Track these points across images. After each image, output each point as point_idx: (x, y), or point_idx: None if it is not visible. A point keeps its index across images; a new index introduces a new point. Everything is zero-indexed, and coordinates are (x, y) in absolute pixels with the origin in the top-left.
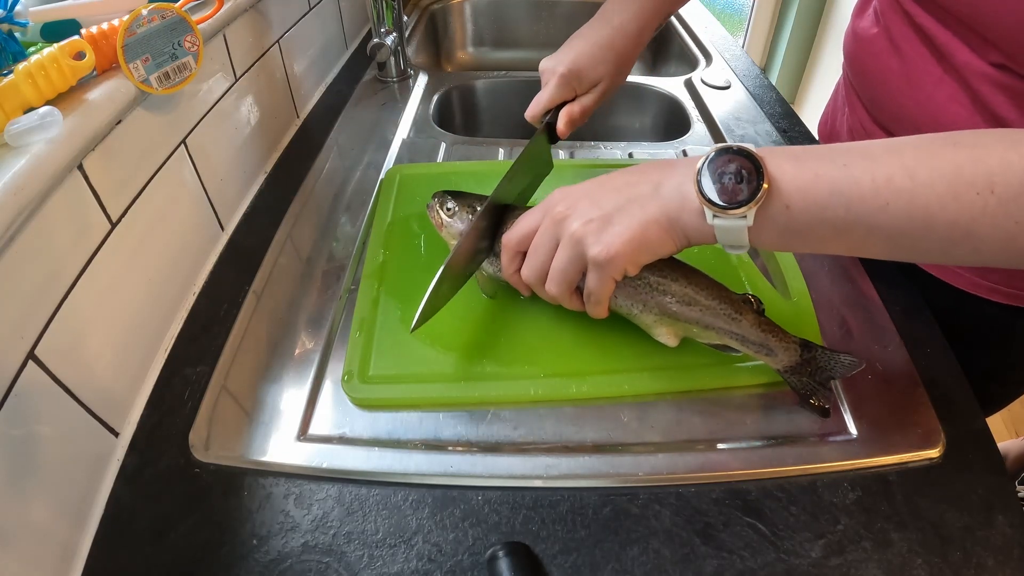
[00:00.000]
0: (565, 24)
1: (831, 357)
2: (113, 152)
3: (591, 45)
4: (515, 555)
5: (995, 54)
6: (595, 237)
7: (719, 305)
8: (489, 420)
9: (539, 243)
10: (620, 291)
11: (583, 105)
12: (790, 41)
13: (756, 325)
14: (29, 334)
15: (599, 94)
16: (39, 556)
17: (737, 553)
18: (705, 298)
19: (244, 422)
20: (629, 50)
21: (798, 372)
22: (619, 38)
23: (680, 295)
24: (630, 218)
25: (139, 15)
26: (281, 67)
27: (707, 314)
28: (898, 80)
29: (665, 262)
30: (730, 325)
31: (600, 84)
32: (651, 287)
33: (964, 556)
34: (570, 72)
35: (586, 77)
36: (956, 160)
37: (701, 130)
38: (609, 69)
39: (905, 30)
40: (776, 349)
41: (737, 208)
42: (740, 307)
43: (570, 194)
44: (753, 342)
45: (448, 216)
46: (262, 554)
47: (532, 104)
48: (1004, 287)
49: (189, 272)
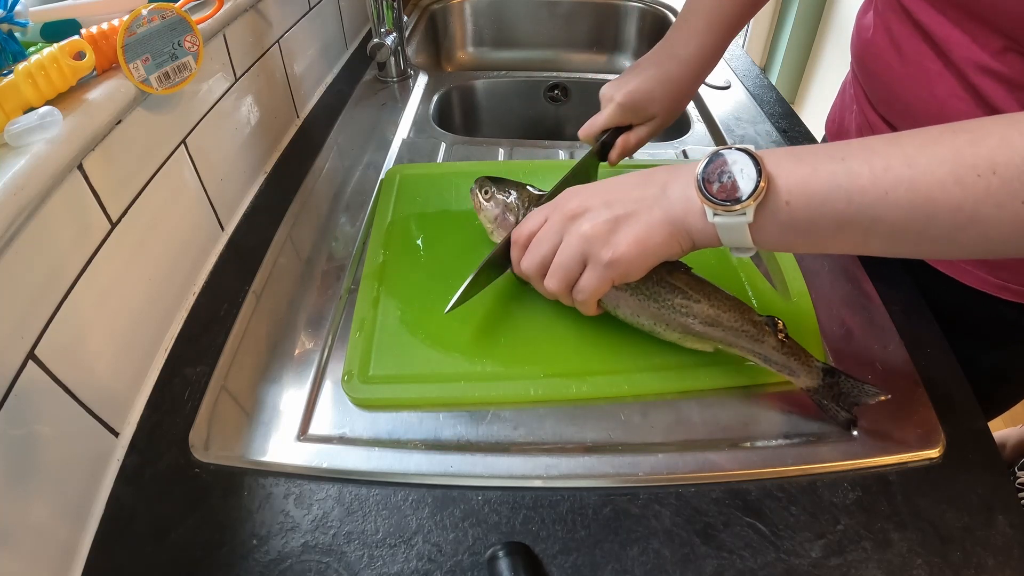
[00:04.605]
0: (565, 24)
1: (854, 385)
2: (113, 152)
3: (650, 79)
4: (515, 555)
5: (998, 40)
6: (604, 239)
7: (742, 327)
8: (489, 420)
9: (543, 236)
10: (644, 312)
11: (639, 136)
12: (790, 41)
13: (778, 348)
14: (29, 334)
15: (655, 127)
16: (39, 556)
17: (737, 553)
18: (728, 320)
19: (244, 422)
20: (688, 85)
21: (820, 394)
22: (680, 72)
23: (703, 316)
24: (637, 222)
25: (139, 15)
26: (281, 67)
27: (730, 334)
28: (900, 77)
29: (689, 282)
30: (752, 345)
31: (657, 117)
32: (675, 309)
33: (964, 556)
34: (627, 103)
35: (642, 110)
36: (955, 144)
37: (701, 130)
38: (666, 105)
39: (904, 27)
40: (798, 371)
41: (736, 204)
42: (763, 329)
43: (580, 193)
44: (775, 362)
45: (485, 199)
46: (262, 554)
47: (587, 124)
48: (1015, 285)
49: (189, 272)
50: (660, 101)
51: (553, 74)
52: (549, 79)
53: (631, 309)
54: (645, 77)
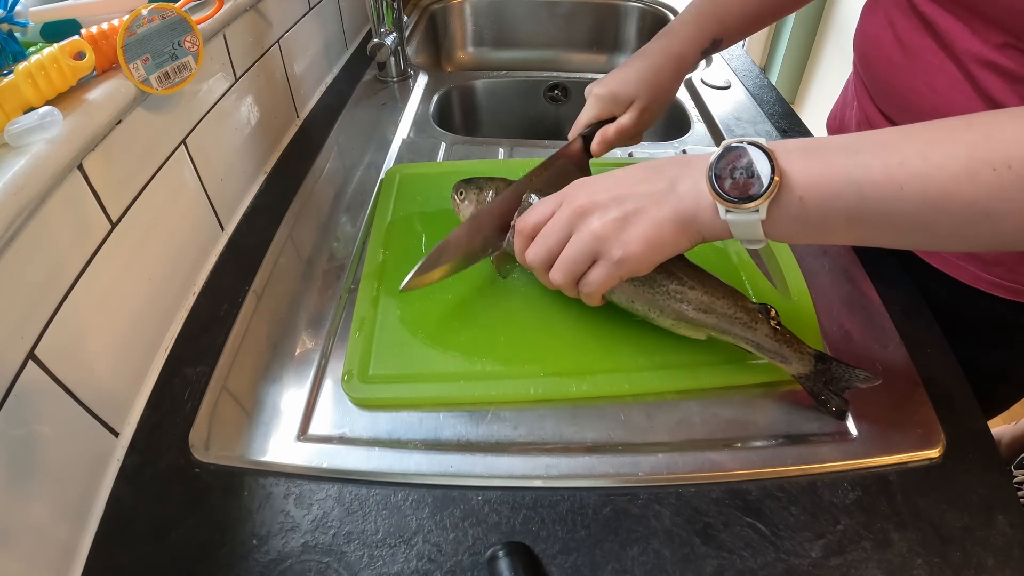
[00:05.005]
0: (565, 24)
1: (846, 371)
2: (113, 152)
3: (628, 68)
4: (515, 555)
5: (998, 35)
6: (614, 237)
7: (735, 314)
8: (489, 420)
9: (551, 230)
10: (639, 297)
11: (619, 124)
12: (790, 41)
13: (771, 335)
14: (29, 334)
15: (636, 112)
16: (39, 556)
17: (737, 553)
18: (721, 307)
19: (244, 422)
20: (665, 69)
21: (812, 380)
22: (657, 59)
23: (697, 303)
24: (647, 219)
25: (139, 15)
26: (281, 67)
27: (723, 321)
28: (901, 70)
29: (684, 268)
30: (745, 332)
31: (635, 103)
32: (669, 295)
33: (964, 556)
34: (603, 93)
35: (620, 96)
36: (970, 139)
37: (701, 130)
38: (642, 89)
39: (907, 21)
40: (790, 358)
41: (749, 202)
42: (755, 316)
43: (589, 186)
44: (768, 349)
45: (459, 199)
46: (262, 554)
47: (574, 126)
48: (1008, 282)
49: (189, 272)
50: (636, 84)
51: (553, 74)
52: (549, 79)
53: (626, 295)
54: (625, 67)
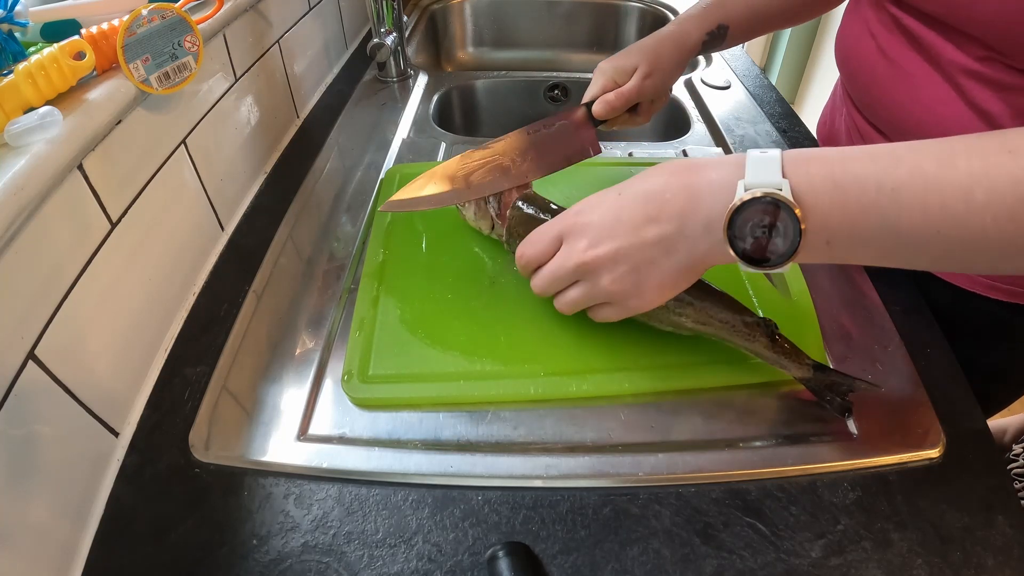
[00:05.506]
0: (565, 24)
1: (845, 380)
2: (113, 152)
3: (633, 45)
4: (515, 555)
5: (978, 48)
6: (629, 292)
7: (735, 326)
8: (489, 420)
9: (557, 275)
10: None
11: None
12: (790, 41)
13: (769, 347)
14: (29, 334)
15: (638, 79)
16: (39, 556)
17: (737, 553)
18: (720, 320)
19: (244, 422)
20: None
21: (813, 383)
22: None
23: (695, 316)
24: (659, 270)
25: (139, 15)
26: (281, 67)
27: (722, 331)
28: (887, 82)
29: None
30: (744, 342)
31: (638, 71)
32: (667, 308)
33: (964, 556)
34: (608, 65)
35: (622, 66)
36: (1014, 173)
37: (701, 130)
38: (643, 57)
39: (891, 33)
40: (789, 368)
41: (772, 267)
42: (753, 329)
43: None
44: (767, 358)
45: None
46: (262, 554)
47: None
48: (1004, 284)
49: (189, 272)
50: (637, 54)
51: (553, 74)
52: (549, 79)
53: None
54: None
